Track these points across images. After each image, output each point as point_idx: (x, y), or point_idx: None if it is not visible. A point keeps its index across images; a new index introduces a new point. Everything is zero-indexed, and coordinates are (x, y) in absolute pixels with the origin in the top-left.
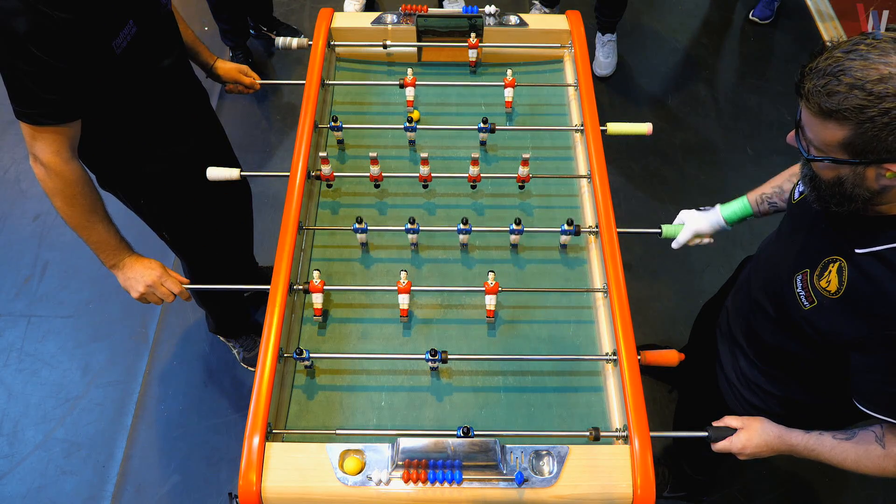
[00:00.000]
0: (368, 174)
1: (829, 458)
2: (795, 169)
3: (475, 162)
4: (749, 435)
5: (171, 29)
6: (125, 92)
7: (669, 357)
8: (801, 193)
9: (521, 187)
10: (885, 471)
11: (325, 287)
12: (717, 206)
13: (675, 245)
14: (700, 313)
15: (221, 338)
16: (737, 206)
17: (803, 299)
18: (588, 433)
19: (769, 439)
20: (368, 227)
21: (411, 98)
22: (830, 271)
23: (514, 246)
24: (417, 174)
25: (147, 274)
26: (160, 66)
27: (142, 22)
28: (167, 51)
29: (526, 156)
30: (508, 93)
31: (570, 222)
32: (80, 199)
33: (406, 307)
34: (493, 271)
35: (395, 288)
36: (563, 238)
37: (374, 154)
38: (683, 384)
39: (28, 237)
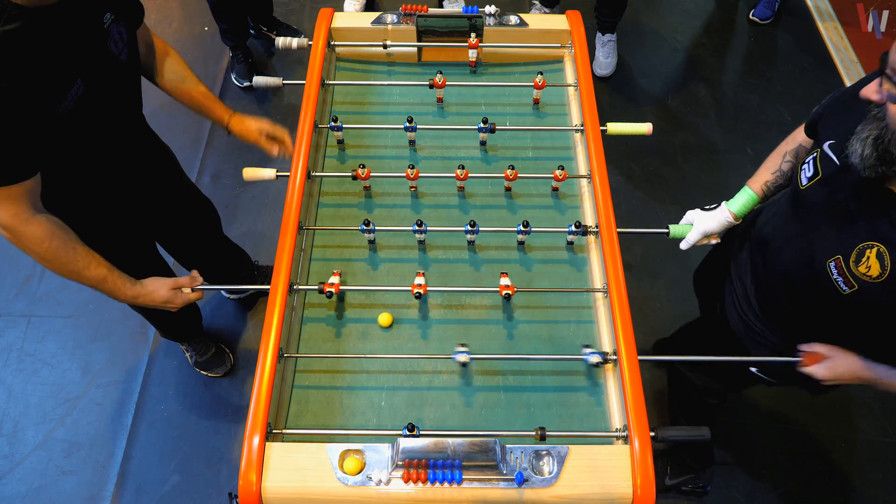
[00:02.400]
0: (356, 177)
1: None
2: (785, 147)
3: (464, 176)
4: (834, 362)
5: (127, 80)
6: (71, 148)
7: None
8: (809, 179)
9: (509, 189)
10: None
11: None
12: (723, 204)
13: (683, 245)
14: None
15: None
16: (744, 199)
17: (841, 285)
18: (534, 433)
19: (855, 368)
20: (376, 228)
21: (441, 96)
22: (868, 257)
23: (521, 244)
24: (408, 176)
25: (170, 308)
26: (112, 119)
27: (91, 79)
28: (121, 103)
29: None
30: (538, 93)
31: (577, 224)
32: (56, 252)
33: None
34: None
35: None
36: (570, 237)
37: (363, 170)
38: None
39: None
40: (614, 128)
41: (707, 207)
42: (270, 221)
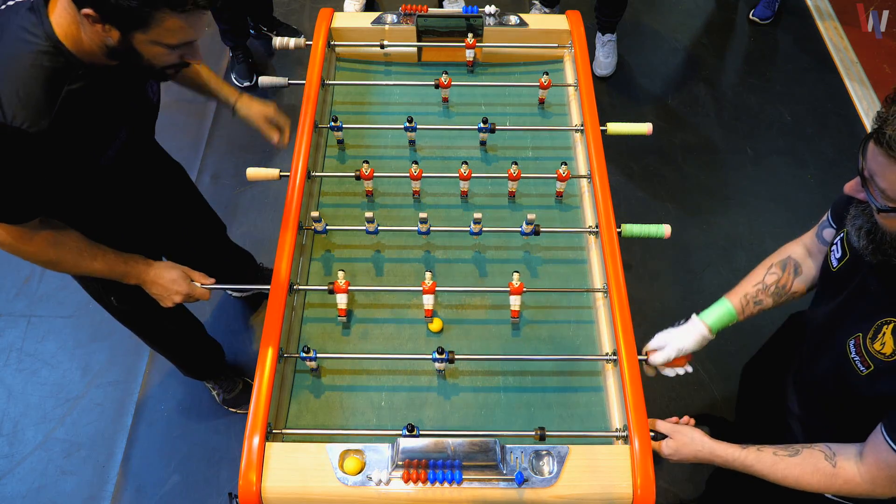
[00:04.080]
0: (360, 177)
1: (769, 473)
2: (771, 260)
3: (467, 174)
4: (677, 445)
5: (154, 118)
6: (103, 189)
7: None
8: (839, 261)
9: (512, 194)
10: (830, 488)
11: (324, 287)
12: (695, 317)
13: (650, 372)
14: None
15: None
16: (720, 312)
17: (859, 364)
18: (534, 433)
19: (698, 452)
20: (380, 229)
21: (447, 96)
22: (885, 333)
23: (533, 233)
24: (414, 177)
25: (173, 291)
26: (140, 155)
27: (132, 126)
28: (148, 139)
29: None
30: (543, 93)
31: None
32: (62, 256)
33: (430, 307)
34: (517, 271)
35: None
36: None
37: (367, 167)
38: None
39: None
40: (614, 128)
41: (678, 323)
42: (270, 221)
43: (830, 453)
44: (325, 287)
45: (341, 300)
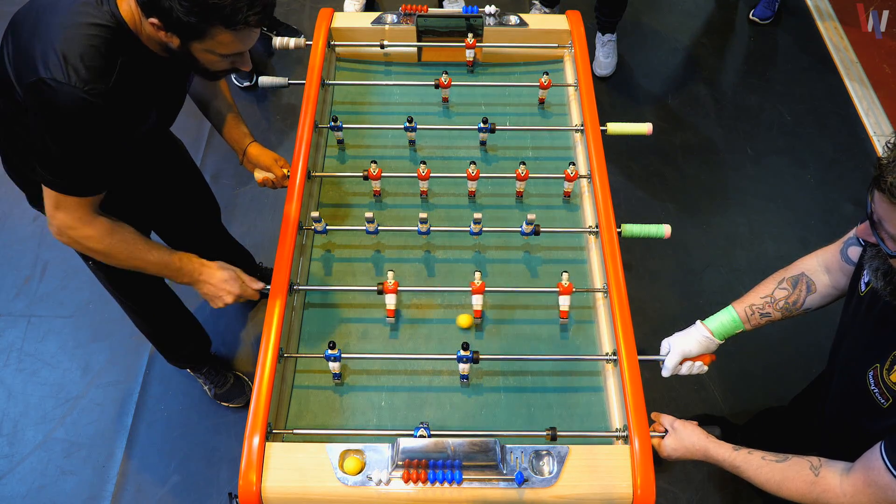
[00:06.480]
0: (367, 177)
1: (754, 475)
2: (784, 274)
3: (475, 175)
4: (675, 443)
5: (179, 109)
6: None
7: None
8: (867, 284)
9: (520, 194)
10: (807, 496)
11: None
12: (698, 322)
13: (665, 373)
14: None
15: (190, 372)
16: (724, 318)
17: (878, 397)
18: (545, 433)
19: (694, 450)
20: (380, 229)
21: (447, 96)
22: None
23: (533, 233)
24: (416, 174)
25: (225, 291)
26: (155, 144)
27: (162, 111)
28: (168, 130)
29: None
30: (543, 93)
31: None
32: (117, 245)
33: (480, 308)
34: (566, 271)
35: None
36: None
37: (375, 166)
38: None
39: (28, 237)
40: (614, 128)
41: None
42: (270, 221)
43: (817, 464)
44: (375, 287)
45: (390, 300)
